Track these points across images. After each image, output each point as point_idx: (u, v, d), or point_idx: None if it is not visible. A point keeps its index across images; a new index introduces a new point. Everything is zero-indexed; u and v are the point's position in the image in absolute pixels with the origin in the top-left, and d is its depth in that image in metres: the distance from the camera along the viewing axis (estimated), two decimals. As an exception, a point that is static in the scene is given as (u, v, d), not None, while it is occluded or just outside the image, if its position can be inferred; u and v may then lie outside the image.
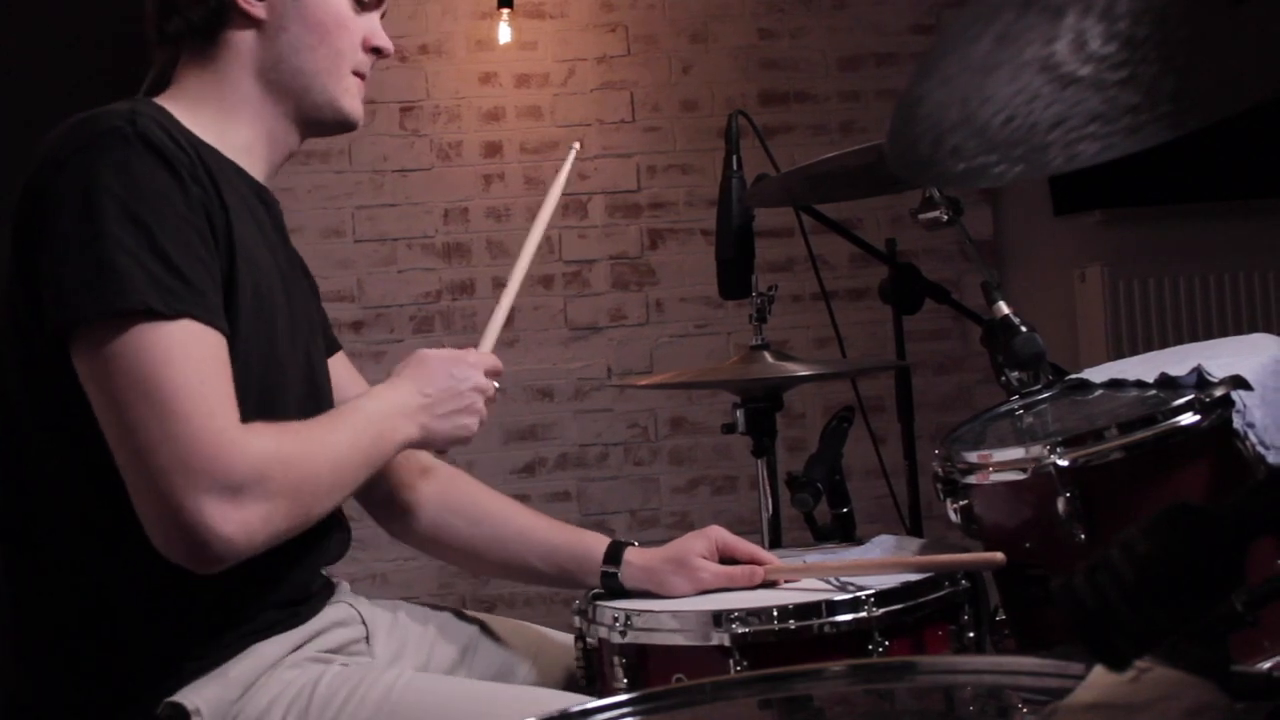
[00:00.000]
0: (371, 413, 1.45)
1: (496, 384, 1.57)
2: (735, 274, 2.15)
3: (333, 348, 1.72)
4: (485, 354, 1.59)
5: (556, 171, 1.83)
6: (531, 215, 1.81)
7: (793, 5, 4.32)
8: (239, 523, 1.27)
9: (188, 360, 1.28)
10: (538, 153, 4.20)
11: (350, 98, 1.56)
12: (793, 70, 4.32)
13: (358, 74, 1.57)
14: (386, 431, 1.45)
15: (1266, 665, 1.34)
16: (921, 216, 1.97)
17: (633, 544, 1.66)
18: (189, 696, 1.35)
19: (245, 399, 1.36)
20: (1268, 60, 0.79)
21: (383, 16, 1.61)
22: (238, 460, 1.28)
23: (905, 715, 1.05)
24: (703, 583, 1.61)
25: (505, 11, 4.14)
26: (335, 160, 4.11)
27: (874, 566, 1.63)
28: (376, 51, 1.58)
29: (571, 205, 4.20)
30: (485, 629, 1.74)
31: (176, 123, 1.42)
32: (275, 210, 1.58)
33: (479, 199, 4.19)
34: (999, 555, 1.52)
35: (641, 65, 4.26)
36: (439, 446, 1.55)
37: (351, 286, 4.09)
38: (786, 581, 1.61)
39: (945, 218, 1.94)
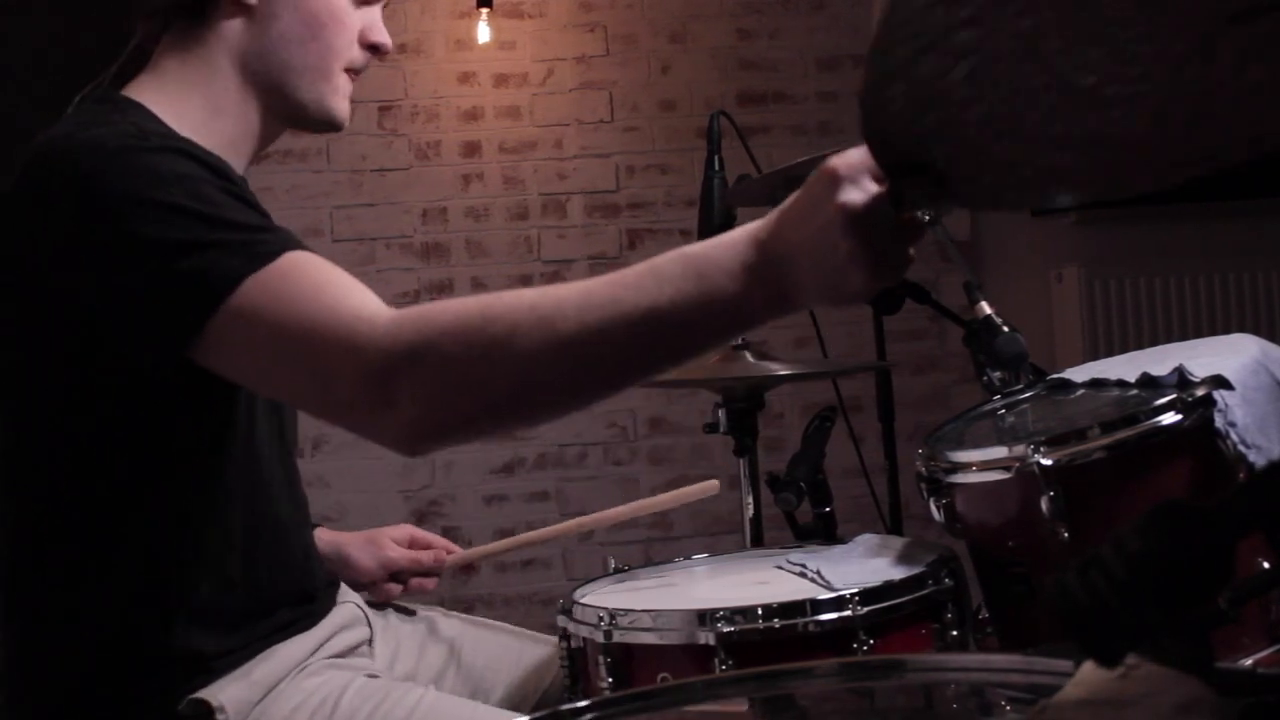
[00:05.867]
0: (686, 259, 1.07)
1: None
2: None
3: None
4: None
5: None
6: (512, 216, 1.79)
7: (771, 6, 4.33)
8: (412, 381, 1.10)
9: (303, 286, 1.17)
10: (516, 152, 4.20)
11: (339, 97, 1.46)
12: (771, 71, 4.33)
13: (350, 70, 1.47)
14: (701, 287, 1.06)
15: (1248, 661, 1.36)
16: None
17: (319, 525, 1.68)
18: (213, 694, 1.34)
19: (253, 403, 1.35)
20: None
21: (385, 6, 1.51)
22: (386, 322, 1.13)
23: (887, 714, 1.05)
24: (390, 561, 1.75)
25: (484, 11, 4.13)
26: (313, 160, 4.10)
27: (549, 534, 1.87)
28: (374, 49, 1.48)
29: (550, 205, 4.20)
30: (468, 629, 1.75)
31: (159, 122, 1.35)
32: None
33: (457, 199, 4.18)
34: (713, 483, 1.79)
35: (620, 65, 4.26)
36: (813, 304, 1.11)
37: (329, 286, 4.07)
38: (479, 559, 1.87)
39: (926, 218, 1.94)
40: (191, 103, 1.40)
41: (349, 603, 1.58)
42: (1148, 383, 1.53)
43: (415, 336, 1.11)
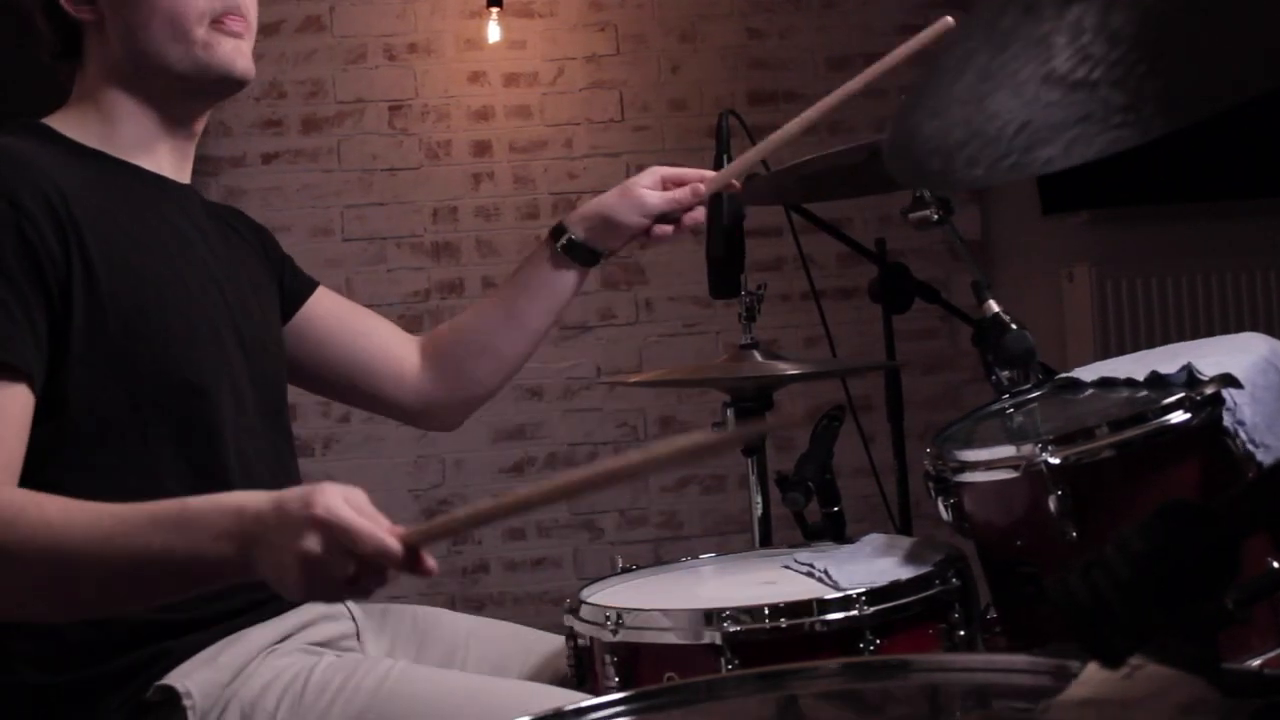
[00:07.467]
0: (180, 518, 1.20)
1: (354, 567, 1.12)
2: (726, 273, 2.15)
3: (306, 289, 1.82)
4: (379, 531, 1.13)
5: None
6: (522, 215, 1.80)
7: (781, 5, 4.33)
8: None
9: None
10: (527, 152, 4.20)
11: (213, 51, 1.46)
12: (781, 70, 4.32)
13: (217, 21, 1.46)
14: (178, 543, 1.18)
15: (1256, 662, 1.35)
16: (912, 216, 1.97)
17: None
18: (179, 680, 1.35)
19: (163, 401, 1.38)
20: (1260, 54, 0.78)
21: None
22: None
23: (892, 714, 1.04)
24: (650, 208, 1.76)
25: (494, 10, 4.14)
26: (324, 159, 4.10)
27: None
28: None
29: (560, 204, 4.20)
30: (474, 629, 1.74)
31: (58, 137, 1.45)
32: (188, 200, 1.56)
33: (468, 198, 4.18)
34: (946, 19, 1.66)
35: (630, 65, 4.26)
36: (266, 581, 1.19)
37: (340, 285, 4.06)
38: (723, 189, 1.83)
39: (936, 217, 1.94)
40: (88, 118, 1.50)
41: None
42: (1156, 381, 1.52)
43: None
